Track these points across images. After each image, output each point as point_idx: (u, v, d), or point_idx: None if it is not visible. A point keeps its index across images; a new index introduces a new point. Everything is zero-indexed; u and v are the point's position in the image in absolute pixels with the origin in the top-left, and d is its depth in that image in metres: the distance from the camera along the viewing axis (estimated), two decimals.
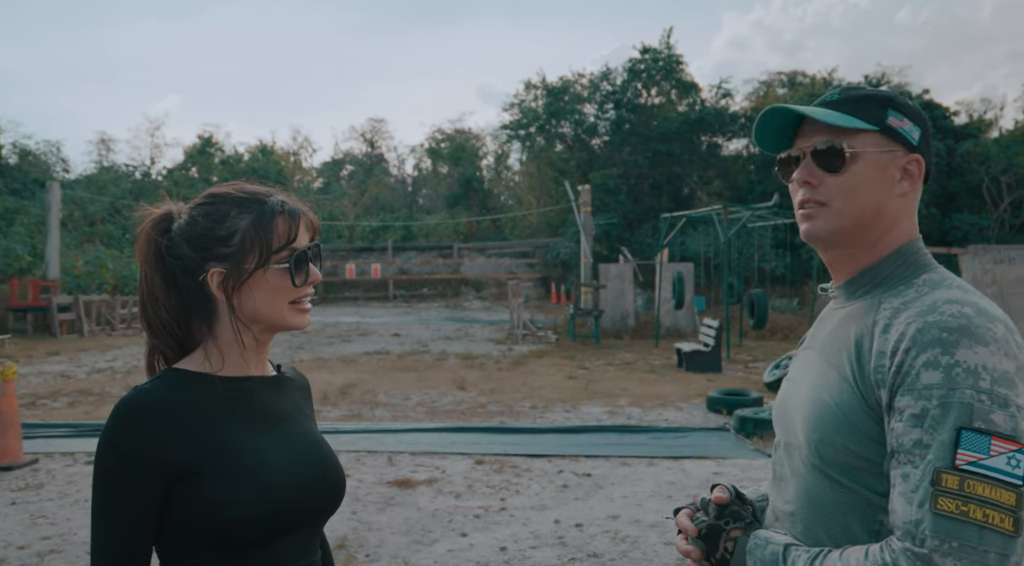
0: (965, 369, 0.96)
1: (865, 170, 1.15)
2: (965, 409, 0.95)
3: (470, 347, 15.94)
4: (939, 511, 0.93)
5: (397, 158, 51.44)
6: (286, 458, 1.23)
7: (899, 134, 1.16)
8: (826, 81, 34.59)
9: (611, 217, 29.58)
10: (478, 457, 6.66)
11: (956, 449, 0.94)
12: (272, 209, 1.22)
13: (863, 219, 1.16)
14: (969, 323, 0.99)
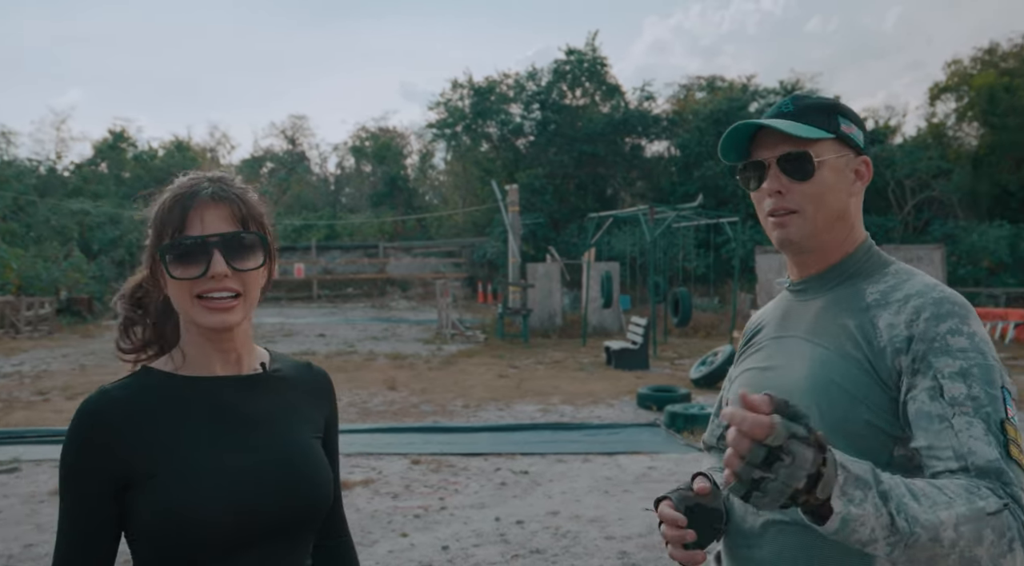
0: (981, 339, 1.12)
1: (829, 176, 1.24)
2: (998, 372, 1.10)
3: (398, 347, 15.79)
4: (1012, 457, 1.04)
5: (319, 156, 50.57)
6: (248, 466, 1.13)
7: (850, 139, 1.25)
8: (744, 86, 35.63)
9: (537, 217, 29.78)
10: (414, 457, 6.60)
11: (1006, 405, 1.08)
12: (171, 195, 1.15)
13: (831, 222, 1.25)
14: (960, 299, 1.16)
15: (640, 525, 4.80)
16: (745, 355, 1.40)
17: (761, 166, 1.26)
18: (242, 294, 1.15)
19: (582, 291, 19.80)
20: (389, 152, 43.87)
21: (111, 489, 1.09)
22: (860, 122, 1.28)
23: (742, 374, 1.37)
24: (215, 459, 1.11)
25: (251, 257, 1.15)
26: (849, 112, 1.27)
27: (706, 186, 29.32)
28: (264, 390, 1.22)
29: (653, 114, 34.14)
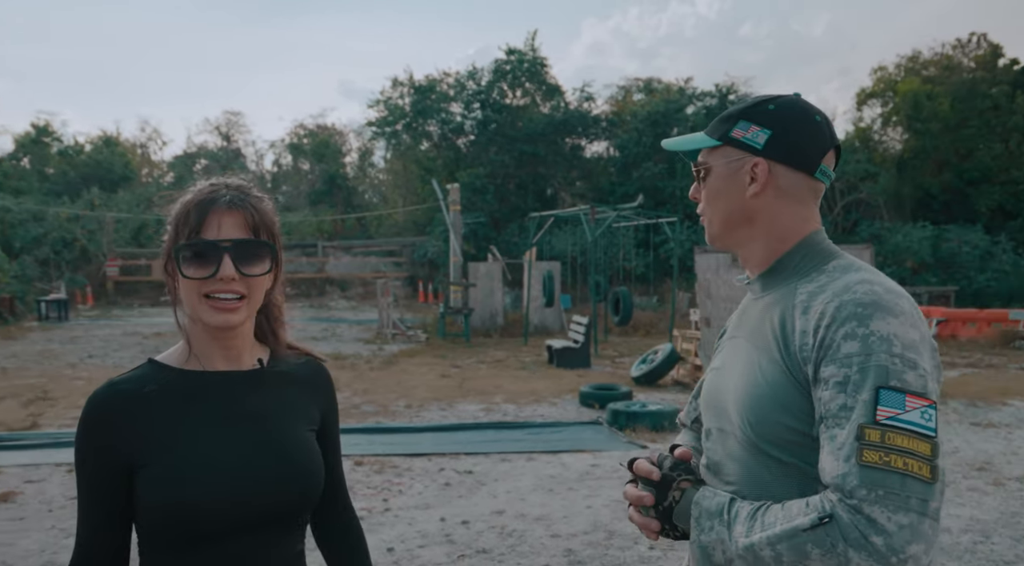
0: (879, 337, 1.06)
1: (716, 181, 1.30)
2: (881, 371, 1.04)
3: (339, 347, 15.58)
4: (865, 463, 1.00)
5: (255, 153, 49.48)
6: (240, 457, 1.21)
7: (741, 142, 1.26)
8: (681, 89, 36.26)
9: (479, 216, 29.76)
10: (357, 458, 6.52)
11: (876, 406, 1.02)
12: (193, 198, 1.23)
13: (729, 223, 1.30)
14: (879, 298, 1.09)
15: (585, 523, 4.84)
16: (714, 353, 1.44)
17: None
18: (247, 297, 1.23)
19: (523, 290, 19.86)
20: (328, 150, 43.22)
21: (117, 474, 1.18)
22: (775, 121, 1.24)
23: (707, 374, 1.41)
24: (211, 450, 1.19)
25: (259, 263, 1.23)
26: (759, 113, 1.25)
27: (645, 187, 29.73)
28: (262, 385, 1.29)
29: (593, 115, 34.45)
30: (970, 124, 30.22)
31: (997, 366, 12.94)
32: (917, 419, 1.02)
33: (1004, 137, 30.35)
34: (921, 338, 1.08)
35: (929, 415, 1.03)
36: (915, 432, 1.02)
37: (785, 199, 1.26)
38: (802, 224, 1.27)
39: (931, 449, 1.01)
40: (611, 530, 4.69)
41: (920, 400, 1.03)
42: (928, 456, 1.01)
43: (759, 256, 1.30)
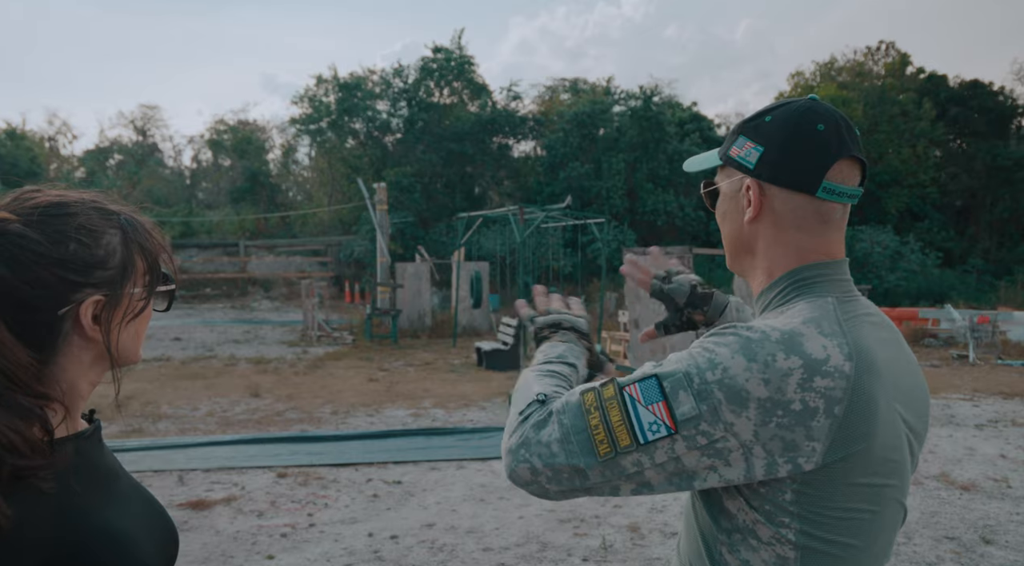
0: (710, 358, 0.97)
1: (722, 204, 1.19)
2: (673, 371, 0.98)
3: (262, 350, 15.12)
4: (582, 397, 1.02)
5: (173, 148, 47.85)
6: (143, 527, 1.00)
7: (736, 161, 1.13)
8: (606, 89, 36.67)
9: (406, 216, 29.43)
10: (280, 470, 6.27)
11: (635, 382, 1.00)
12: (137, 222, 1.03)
13: (733, 249, 1.19)
14: (760, 339, 0.97)
15: (517, 534, 4.74)
16: None
17: None
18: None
19: (452, 291, 19.70)
20: (250, 146, 42.05)
21: None
22: (768, 136, 1.09)
23: None
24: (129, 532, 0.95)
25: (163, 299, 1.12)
26: (755, 127, 1.11)
27: (572, 187, 29.94)
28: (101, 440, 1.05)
29: (520, 114, 34.52)
30: (880, 129, 31.51)
31: None
32: (645, 420, 0.97)
33: (912, 142, 31.77)
34: (767, 399, 0.93)
35: (657, 430, 0.96)
36: (630, 423, 0.98)
37: (782, 225, 1.10)
38: (798, 254, 1.10)
39: (627, 445, 0.97)
40: (544, 542, 4.61)
41: (666, 416, 0.96)
42: (620, 446, 0.97)
43: (756, 287, 1.17)
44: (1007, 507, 5.40)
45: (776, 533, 0.98)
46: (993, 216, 31.93)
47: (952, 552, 4.51)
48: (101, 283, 0.95)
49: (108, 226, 0.98)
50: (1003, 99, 33.72)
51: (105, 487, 0.98)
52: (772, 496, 0.97)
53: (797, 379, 0.94)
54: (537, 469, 1.01)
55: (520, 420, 1.05)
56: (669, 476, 0.99)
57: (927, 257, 27.89)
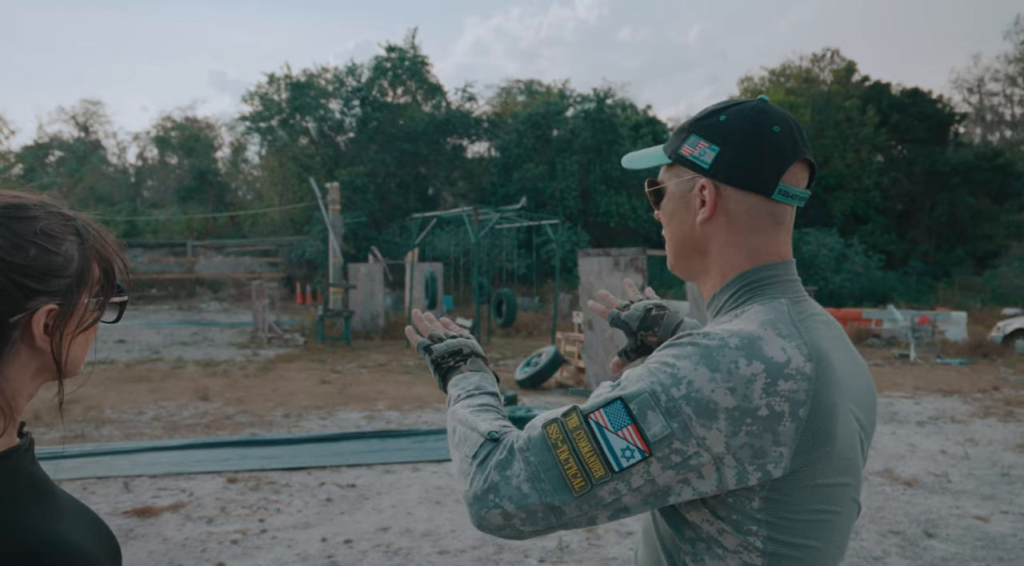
0: (672, 373, 0.94)
1: (668, 204, 1.15)
2: (638, 392, 0.95)
3: (210, 353, 14.82)
4: (546, 432, 0.98)
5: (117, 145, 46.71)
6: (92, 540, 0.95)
7: (688, 161, 1.09)
8: (560, 91, 36.88)
9: (359, 216, 29.16)
10: (230, 475, 6.14)
11: (600, 409, 0.96)
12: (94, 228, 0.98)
13: (681, 251, 1.15)
14: (718, 349, 0.95)
15: (473, 537, 4.73)
16: None
17: None
18: None
19: (405, 292, 19.58)
20: (198, 144, 41.24)
21: None
22: (724, 135, 1.06)
23: None
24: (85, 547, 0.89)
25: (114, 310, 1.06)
26: (709, 126, 1.08)
27: (526, 188, 30.02)
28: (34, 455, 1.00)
29: (474, 115, 34.49)
30: (827, 134, 32.28)
31: None
32: (617, 447, 0.93)
33: (856, 147, 32.62)
34: (735, 409, 0.92)
35: (631, 455, 0.93)
36: (602, 452, 0.94)
37: (736, 226, 1.08)
38: (752, 256, 1.09)
39: (600, 476, 0.93)
40: (500, 544, 4.60)
41: (638, 439, 0.93)
42: (595, 478, 0.94)
43: (707, 290, 1.14)
44: (947, 501, 5.57)
45: (743, 541, 0.97)
46: (932, 220, 32.95)
47: (897, 546, 4.63)
48: (56, 291, 0.91)
49: (67, 232, 0.93)
50: (941, 107, 34.86)
51: (50, 501, 0.93)
52: (739, 505, 0.96)
53: (761, 384, 0.93)
54: (509, 513, 0.96)
55: (477, 463, 1.00)
56: (645, 498, 0.96)
57: (870, 259, 28.66)
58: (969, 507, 5.43)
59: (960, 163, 32.24)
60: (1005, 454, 7.01)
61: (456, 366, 1.27)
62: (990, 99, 42.09)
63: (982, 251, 30.83)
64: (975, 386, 10.97)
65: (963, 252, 31.40)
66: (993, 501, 5.58)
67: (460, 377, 1.23)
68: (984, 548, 4.61)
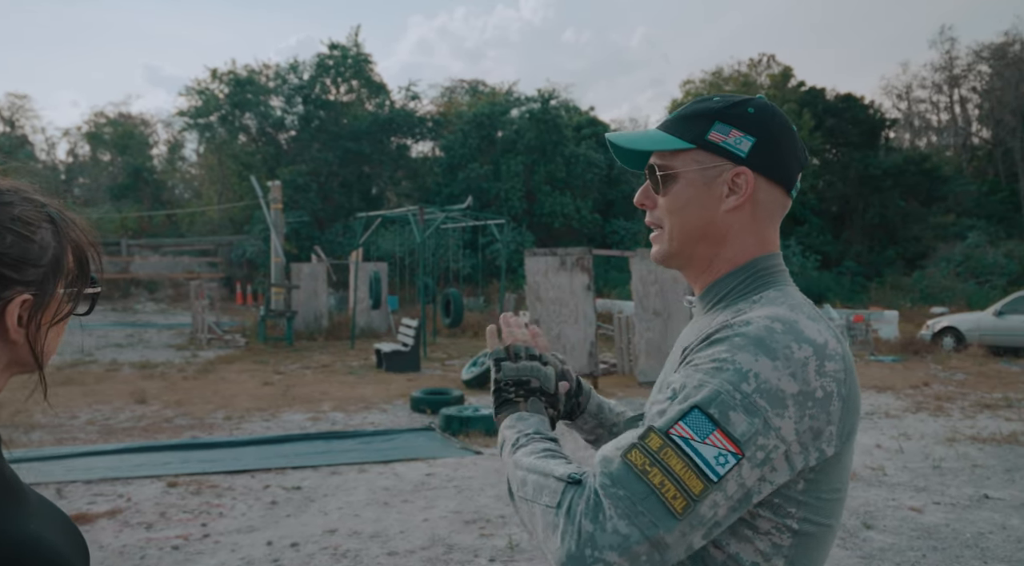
0: (736, 369, 0.93)
1: (686, 189, 1.11)
2: (712, 395, 0.92)
3: (147, 355, 14.40)
4: (628, 460, 0.92)
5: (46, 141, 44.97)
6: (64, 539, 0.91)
7: (721, 148, 1.09)
8: (505, 92, 36.93)
9: (301, 215, 28.73)
10: (170, 479, 5.97)
11: (678, 421, 0.92)
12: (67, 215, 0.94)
13: (691, 239, 1.12)
14: (768, 336, 0.95)
15: (422, 537, 4.69)
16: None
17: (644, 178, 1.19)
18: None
19: (349, 292, 19.35)
20: (132, 141, 40.04)
21: None
22: (757, 127, 1.09)
23: None
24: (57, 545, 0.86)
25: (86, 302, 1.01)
26: (738, 116, 1.09)
27: (471, 188, 29.98)
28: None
29: (418, 115, 34.31)
30: None
31: None
32: (709, 456, 0.90)
33: None
34: (800, 393, 0.93)
35: (726, 461, 0.90)
36: (695, 466, 0.90)
37: (758, 216, 1.11)
38: (761, 245, 1.12)
39: (700, 491, 0.89)
40: (450, 544, 4.57)
41: (727, 443, 0.90)
42: (693, 494, 0.89)
43: (702, 278, 1.15)
44: (884, 494, 5.74)
45: (779, 523, 0.97)
46: (865, 222, 34.02)
47: (838, 538, 4.76)
48: (32, 281, 0.87)
49: (42, 219, 0.89)
50: (873, 112, 36.03)
51: (21, 499, 0.89)
52: (785, 489, 0.96)
53: (814, 367, 0.94)
54: (613, 564, 0.88)
55: (564, 513, 0.92)
56: (734, 506, 0.92)
57: (807, 260, 29.45)
58: (904, 499, 5.61)
59: (891, 167, 33.37)
60: (936, 447, 7.27)
61: (515, 401, 1.16)
62: (918, 106, 43.74)
63: (912, 252, 31.96)
64: (907, 382, 11.36)
65: (894, 253, 32.50)
66: (926, 493, 5.78)
67: (516, 417, 1.13)
68: (919, 538, 4.77)
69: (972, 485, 5.98)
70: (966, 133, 41.03)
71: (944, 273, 27.37)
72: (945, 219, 32.65)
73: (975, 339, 15.05)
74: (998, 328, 14.98)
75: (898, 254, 32.36)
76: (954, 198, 33.90)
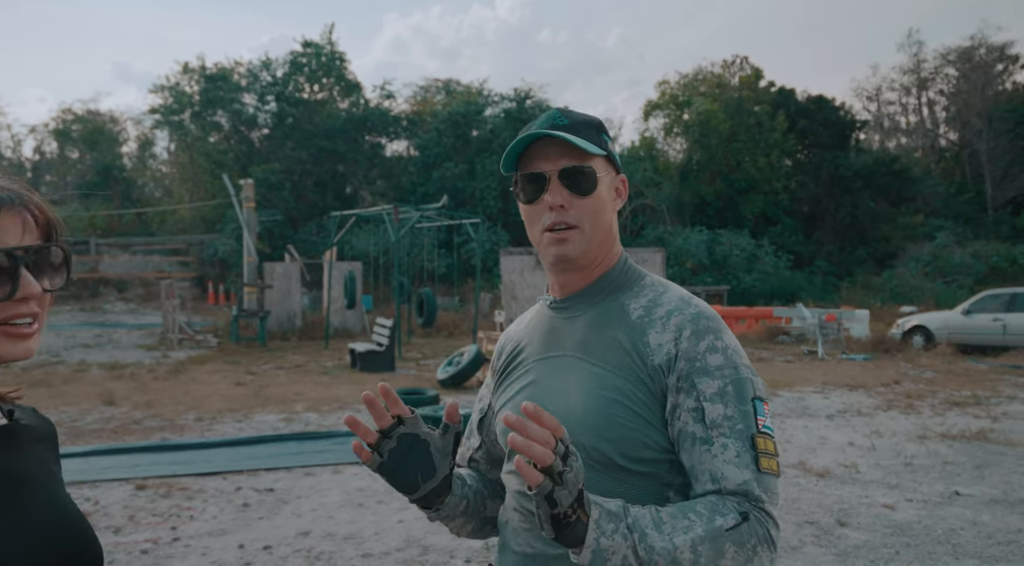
0: (733, 349, 1.17)
1: (603, 193, 1.23)
2: (749, 384, 1.15)
3: (116, 355, 14.16)
4: (764, 470, 1.09)
5: (12, 138, 44.11)
6: (27, 537, 0.89)
7: (613, 157, 1.26)
8: (479, 91, 36.83)
9: (275, 214, 28.45)
10: (139, 482, 5.86)
11: (756, 416, 1.12)
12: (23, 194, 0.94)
13: (603, 238, 1.25)
14: (711, 312, 1.21)
15: (398, 539, 4.64)
16: (510, 378, 1.32)
17: (542, 178, 1.20)
18: (39, 318, 0.95)
19: (323, 291, 19.19)
20: (102, 138, 39.41)
21: None
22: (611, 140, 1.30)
23: (513, 398, 1.28)
24: None
25: (59, 274, 0.98)
26: (605, 132, 1.27)
27: (446, 187, 29.88)
28: (17, 442, 0.97)
29: (393, 114, 34.14)
30: (739, 138, 33.31)
31: (766, 359, 14.25)
32: (768, 422, 1.14)
33: (766, 151, 33.78)
34: (735, 343, 1.21)
35: (767, 415, 1.15)
36: (771, 435, 1.14)
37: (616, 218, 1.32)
38: (619, 243, 1.32)
39: (774, 445, 1.13)
40: (425, 545, 4.53)
41: (765, 405, 1.16)
42: (775, 453, 1.12)
43: (592, 273, 1.27)
44: (857, 491, 5.79)
45: None
46: (836, 222, 34.43)
47: (812, 535, 4.78)
48: None
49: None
50: (844, 114, 36.49)
51: None
52: None
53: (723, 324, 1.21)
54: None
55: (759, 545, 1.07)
56: None
57: (780, 259, 29.72)
58: (877, 496, 5.66)
59: (861, 168, 33.79)
60: (907, 444, 7.35)
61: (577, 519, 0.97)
62: (887, 107, 44.33)
63: (881, 252, 32.40)
64: (878, 380, 11.49)
65: (864, 253, 32.92)
66: (899, 490, 5.83)
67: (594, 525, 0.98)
68: (892, 535, 4.81)
69: (943, 482, 6.05)
70: (934, 135, 41.68)
71: (913, 273, 27.77)
72: (914, 219, 33.14)
73: (944, 338, 15.28)
74: (966, 327, 15.21)
75: (868, 254, 32.79)
76: (923, 199, 34.43)
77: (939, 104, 42.07)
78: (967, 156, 37.45)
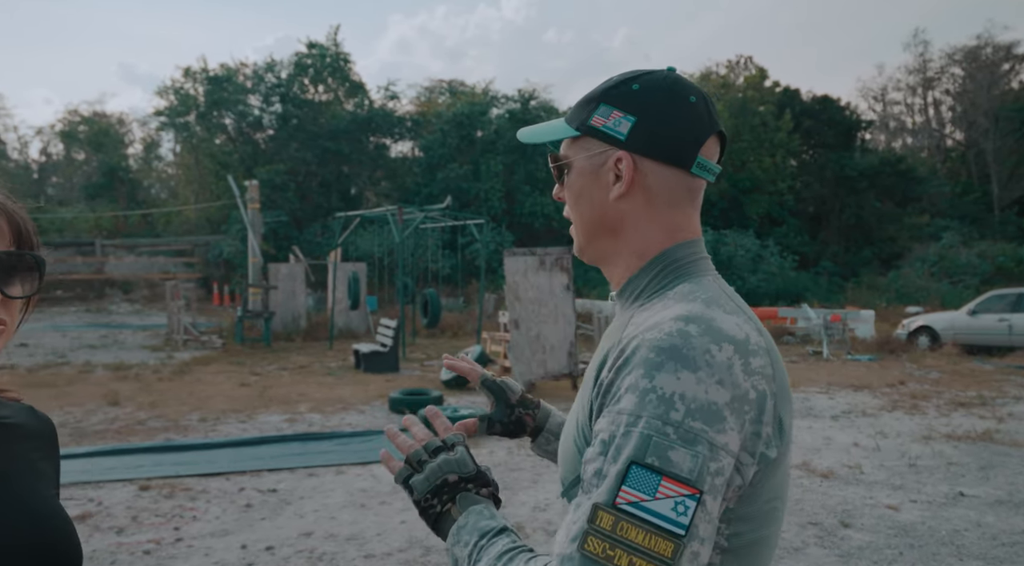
0: (659, 396, 0.83)
1: (577, 180, 1.04)
2: (643, 442, 0.82)
3: (121, 356, 14.20)
4: (586, 552, 0.81)
5: (18, 140, 44.29)
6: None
7: (601, 132, 1.01)
8: (485, 91, 36.85)
9: (279, 215, 28.51)
10: (142, 482, 5.87)
11: (621, 485, 0.82)
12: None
13: (592, 230, 1.05)
14: (684, 344, 0.86)
15: (400, 539, 4.64)
16: None
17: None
18: (7, 326, 0.93)
19: (328, 292, 19.22)
20: (107, 139, 39.54)
21: None
22: (639, 105, 0.99)
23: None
24: None
25: (28, 282, 0.96)
26: (622, 95, 1.01)
27: (450, 188, 29.90)
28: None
29: (397, 114, 34.18)
30: (743, 138, 33.25)
31: None
32: (666, 511, 0.80)
33: (771, 151, 33.72)
34: (733, 400, 0.84)
35: (686, 508, 0.80)
36: (657, 527, 0.80)
37: (655, 202, 1.01)
38: (670, 233, 1.02)
39: (672, 551, 0.79)
40: (428, 546, 4.53)
41: (679, 487, 0.81)
42: (666, 558, 0.79)
43: (620, 273, 1.05)
44: (861, 492, 5.77)
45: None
46: (841, 222, 34.35)
47: (816, 537, 4.77)
48: None
49: None
50: (849, 114, 36.41)
51: None
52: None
53: (740, 367, 0.86)
54: None
55: None
56: (707, 540, 0.83)
57: (785, 260, 29.65)
58: (881, 497, 5.64)
59: (867, 168, 33.71)
60: (912, 445, 7.32)
61: (445, 512, 1.00)
62: (893, 107, 44.24)
63: (887, 252, 32.31)
64: (883, 381, 11.45)
65: (870, 253, 32.83)
66: (903, 491, 5.81)
67: (455, 529, 0.98)
68: (896, 536, 4.79)
69: (948, 483, 6.03)
70: (940, 135, 41.56)
71: (919, 273, 27.68)
72: (919, 220, 33.04)
73: (949, 338, 15.22)
74: (972, 327, 15.16)
75: (874, 254, 32.70)
76: (928, 199, 34.33)
77: (945, 104, 41.96)
78: (973, 156, 37.33)
